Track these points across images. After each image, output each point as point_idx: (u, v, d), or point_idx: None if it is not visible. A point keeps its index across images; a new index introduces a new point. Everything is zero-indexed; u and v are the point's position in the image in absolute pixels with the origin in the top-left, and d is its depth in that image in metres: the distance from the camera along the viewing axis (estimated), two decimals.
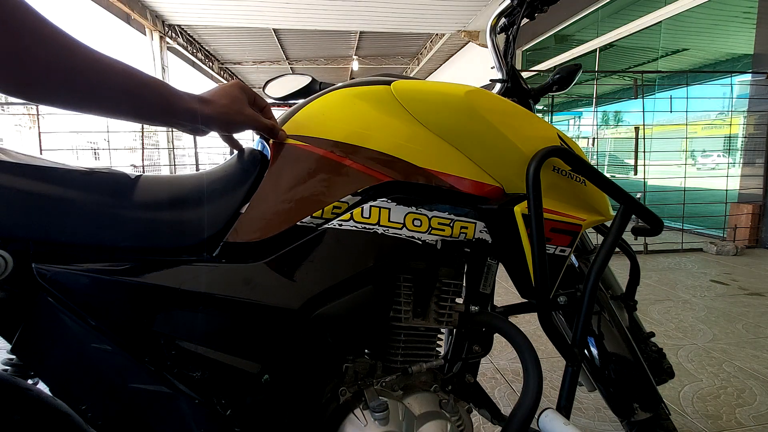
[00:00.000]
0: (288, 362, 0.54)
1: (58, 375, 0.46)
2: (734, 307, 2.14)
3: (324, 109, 0.62)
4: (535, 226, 0.60)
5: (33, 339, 0.45)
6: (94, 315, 0.46)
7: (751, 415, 1.24)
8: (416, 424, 0.59)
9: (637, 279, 0.94)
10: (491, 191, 0.62)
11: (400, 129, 0.60)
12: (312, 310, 0.53)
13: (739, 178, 3.77)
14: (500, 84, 0.88)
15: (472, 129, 0.60)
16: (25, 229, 0.43)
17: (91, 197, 0.47)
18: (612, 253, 0.71)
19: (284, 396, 0.54)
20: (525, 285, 0.65)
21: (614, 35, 5.13)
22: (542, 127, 0.65)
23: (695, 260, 3.20)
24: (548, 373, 1.46)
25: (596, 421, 1.22)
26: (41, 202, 0.44)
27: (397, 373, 0.63)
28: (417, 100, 0.61)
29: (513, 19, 0.86)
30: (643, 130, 3.49)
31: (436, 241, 0.60)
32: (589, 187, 0.67)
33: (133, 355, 0.47)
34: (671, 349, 1.66)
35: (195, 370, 0.49)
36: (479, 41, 7.26)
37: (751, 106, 3.65)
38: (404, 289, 0.62)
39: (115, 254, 0.47)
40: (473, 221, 0.61)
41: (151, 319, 0.47)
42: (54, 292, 0.45)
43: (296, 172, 0.56)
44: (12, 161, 0.45)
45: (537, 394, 0.59)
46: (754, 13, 3.62)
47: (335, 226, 0.55)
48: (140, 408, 0.48)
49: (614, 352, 0.87)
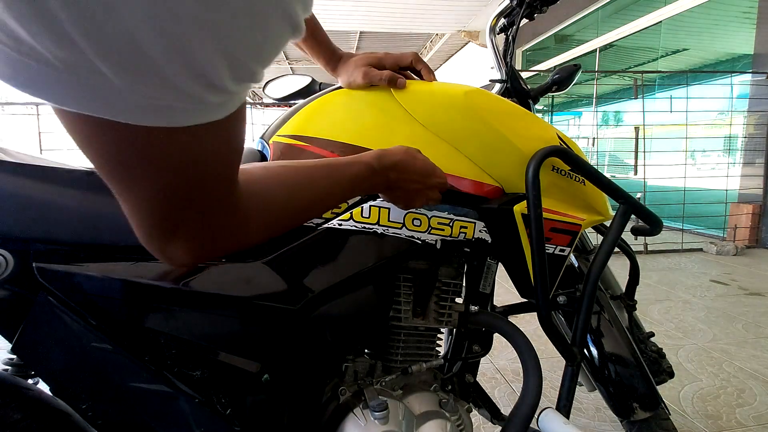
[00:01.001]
0: (288, 361, 0.54)
1: (58, 374, 0.46)
2: (734, 307, 2.14)
3: (324, 110, 0.62)
4: (534, 226, 0.60)
5: (33, 338, 0.45)
6: (94, 314, 0.46)
7: (751, 415, 1.24)
8: (416, 424, 0.59)
9: (636, 279, 0.94)
10: (491, 191, 0.62)
11: (399, 129, 0.60)
12: (312, 309, 0.53)
13: (739, 178, 3.77)
14: (500, 84, 0.88)
15: (471, 129, 0.60)
16: (25, 229, 0.43)
17: (92, 197, 0.47)
18: (611, 252, 0.71)
19: (284, 395, 0.54)
20: (525, 285, 0.65)
21: (614, 35, 5.13)
22: (541, 127, 0.65)
23: (695, 260, 3.20)
24: (548, 373, 1.45)
25: (596, 421, 1.22)
26: (42, 201, 0.44)
27: (397, 372, 0.63)
28: (417, 100, 0.61)
29: (512, 20, 0.86)
30: (643, 130, 3.49)
31: (435, 240, 0.60)
32: (588, 187, 0.67)
33: (134, 354, 0.47)
34: (671, 349, 1.66)
35: (195, 369, 0.49)
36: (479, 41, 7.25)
37: (751, 106, 3.65)
38: (404, 289, 0.62)
39: (116, 254, 0.47)
40: (473, 221, 0.61)
41: (151, 318, 0.47)
42: (54, 292, 0.45)
43: None
44: (12, 161, 0.45)
45: (537, 394, 0.59)
46: (754, 13, 3.62)
47: (335, 226, 0.55)
48: (140, 407, 0.48)
49: (614, 352, 0.87)
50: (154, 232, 0.29)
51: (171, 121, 0.20)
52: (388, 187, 0.49)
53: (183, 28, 0.15)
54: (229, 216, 0.32)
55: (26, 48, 0.15)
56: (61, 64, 0.15)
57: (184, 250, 0.30)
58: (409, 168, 0.49)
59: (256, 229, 0.36)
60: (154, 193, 0.26)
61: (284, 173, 0.39)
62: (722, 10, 4.38)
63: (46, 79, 0.16)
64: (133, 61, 0.16)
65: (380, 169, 0.47)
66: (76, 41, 0.14)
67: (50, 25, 0.14)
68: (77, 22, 0.14)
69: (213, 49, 0.17)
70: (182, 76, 0.17)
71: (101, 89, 0.17)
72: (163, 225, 0.28)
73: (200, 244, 0.31)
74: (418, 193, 0.51)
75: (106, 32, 0.14)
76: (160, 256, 0.31)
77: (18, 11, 0.13)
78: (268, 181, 0.37)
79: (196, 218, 0.29)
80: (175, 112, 0.20)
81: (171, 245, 0.30)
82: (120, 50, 0.15)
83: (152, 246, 0.30)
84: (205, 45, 0.16)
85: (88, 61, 0.15)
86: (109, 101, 0.17)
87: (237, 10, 0.16)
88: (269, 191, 0.37)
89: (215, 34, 0.16)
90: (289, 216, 0.39)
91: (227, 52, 0.17)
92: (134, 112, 0.18)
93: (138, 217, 0.28)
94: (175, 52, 0.16)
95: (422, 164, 0.50)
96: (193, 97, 0.19)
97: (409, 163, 0.49)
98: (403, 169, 0.49)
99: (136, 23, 0.14)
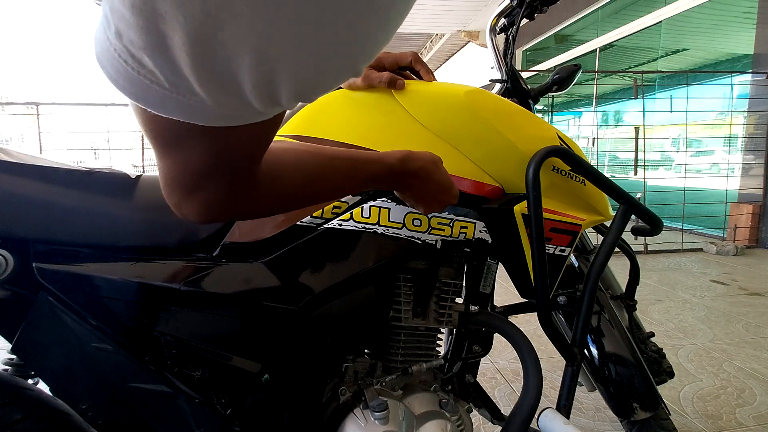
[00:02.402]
0: (288, 362, 0.54)
1: (58, 374, 0.46)
2: (734, 307, 2.14)
3: (324, 110, 0.62)
4: (534, 226, 0.60)
5: (33, 338, 0.45)
6: (94, 314, 0.46)
7: (751, 415, 1.24)
8: (416, 424, 0.59)
9: (636, 279, 0.94)
10: (491, 191, 0.62)
11: (400, 129, 0.60)
12: (312, 309, 0.53)
13: (739, 178, 3.77)
14: (500, 84, 0.88)
15: (471, 129, 0.60)
16: (26, 229, 0.44)
17: (92, 197, 0.47)
18: (611, 253, 0.71)
19: (284, 395, 0.54)
20: (525, 285, 0.65)
21: (614, 35, 5.13)
22: (542, 127, 0.65)
23: (695, 260, 3.20)
24: (548, 373, 1.45)
25: (596, 421, 1.22)
26: (42, 201, 0.44)
27: (397, 372, 0.63)
28: (417, 100, 0.61)
29: (512, 20, 0.86)
30: (643, 130, 3.49)
31: (435, 240, 0.60)
32: (588, 187, 0.67)
33: (134, 354, 0.47)
34: (671, 349, 1.66)
35: (195, 369, 0.49)
36: (479, 41, 7.25)
37: (751, 106, 3.65)
38: (404, 289, 0.62)
39: (116, 254, 0.47)
40: (473, 221, 0.61)
41: (151, 318, 0.47)
42: (55, 292, 0.45)
43: None
44: (13, 161, 0.45)
45: (537, 394, 0.59)
46: (754, 13, 3.62)
47: (335, 226, 0.55)
48: (140, 407, 0.48)
49: (614, 352, 0.87)
50: (178, 189, 0.32)
51: (231, 122, 0.24)
52: (406, 189, 0.51)
53: (275, 73, 0.19)
54: (246, 187, 0.35)
55: (147, 72, 0.19)
56: (169, 86, 0.20)
57: (197, 209, 0.34)
58: (430, 176, 0.50)
59: (267, 203, 0.38)
60: (191, 161, 0.30)
61: (306, 159, 0.41)
62: (722, 10, 4.38)
63: (153, 95, 0.21)
64: (226, 91, 0.20)
65: (401, 172, 0.48)
66: (186, 73, 0.19)
67: (171, 61, 0.18)
68: (192, 61, 0.18)
69: (292, 86, 0.21)
70: (261, 100, 0.21)
71: (193, 105, 0.21)
72: (188, 185, 0.32)
73: (214, 206, 0.34)
74: (430, 201, 0.52)
75: (213, 70, 0.19)
76: (176, 209, 0.34)
77: (152, 50, 0.18)
78: (290, 165, 0.40)
79: (218, 184, 0.32)
80: (240, 119, 0.24)
81: (187, 202, 0.33)
82: (220, 82, 0.20)
83: (171, 199, 0.33)
84: (287, 84, 0.20)
85: (190, 86, 0.20)
86: (195, 112, 0.22)
87: (320, 63, 0.20)
88: (288, 174, 0.39)
89: (298, 76, 0.20)
90: (301, 199, 0.42)
91: (302, 89, 0.21)
92: (209, 119, 0.23)
93: (164, 176, 0.32)
94: (262, 85, 0.20)
95: (442, 177, 0.51)
96: (262, 112, 0.23)
97: (432, 171, 0.50)
98: (425, 176, 0.50)
99: (238, 66, 0.19)
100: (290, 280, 0.53)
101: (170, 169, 0.31)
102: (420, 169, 0.49)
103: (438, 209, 0.54)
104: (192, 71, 0.19)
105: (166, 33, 0.17)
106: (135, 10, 0.17)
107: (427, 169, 0.50)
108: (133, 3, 0.17)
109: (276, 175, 0.38)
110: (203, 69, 0.19)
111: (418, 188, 0.50)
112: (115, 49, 0.19)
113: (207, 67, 0.19)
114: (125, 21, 0.17)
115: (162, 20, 0.17)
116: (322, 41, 0.19)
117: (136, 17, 0.17)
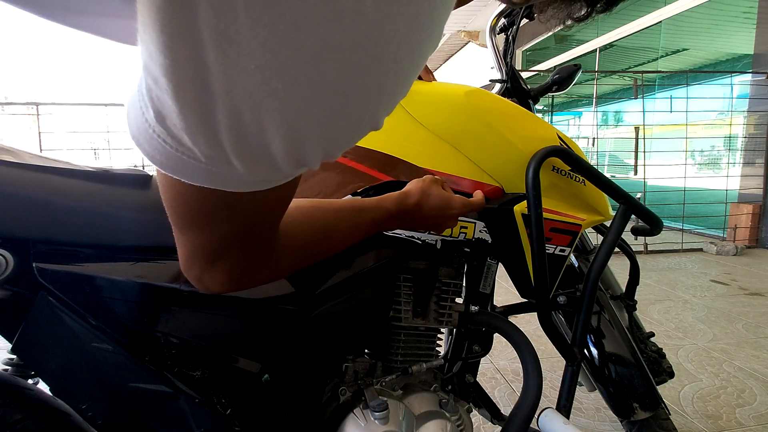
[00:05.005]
0: (288, 362, 0.54)
1: (58, 374, 0.46)
2: (734, 307, 2.14)
3: None
4: (534, 226, 0.60)
5: (34, 338, 0.45)
6: (94, 314, 0.46)
7: (751, 415, 1.24)
8: (416, 424, 0.59)
9: (636, 279, 0.94)
10: (491, 191, 0.62)
11: (400, 129, 0.60)
12: (312, 309, 0.53)
13: (739, 178, 3.77)
14: (500, 84, 0.88)
15: (471, 129, 0.60)
16: (26, 229, 0.43)
17: (92, 197, 0.47)
18: (611, 253, 0.71)
19: (284, 395, 0.54)
20: (525, 285, 0.65)
21: (614, 35, 5.13)
22: (542, 127, 0.65)
23: (695, 260, 3.20)
24: (548, 373, 1.46)
25: (596, 421, 1.22)
26: (42, 201, 0.44)
27: (397, 372, 0.63)
28: (417, 100, 0.61)
29: (512, 20, 0.86)
30: (643, 130, 3.49)
31: (435, 240, 0.60)
32: (588, 187, 0.67)
33: (134, 354, 0.47)
34: (671, 349, 1.66)
35: (195, 369, 0.49)
36: (479, 41, 7.25)
37: (751, 106, 3.65)
38: (404, 289, 0.62)
39: (116, 254, 0.47)
40: (473, 221, 0.61)
41: (151, 318, 0.47)
42: (55, 292, 0.45)
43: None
44: (13, 161, 0.45)
45: (537, 394, 0.59)
46: (754, 13, 3.62)
47: None
48: (140, 407, 0.48)
49: (614, 352, 0.87)
50: (200, 260, 0.32)
51: (260, 186, 0.25)
52: (409, 226, 0.53)
53: (307, 141, 0.20)
54: (266, 254, 0.35)
55: (184, 148, 0.20)
56: (205, 160, 0.20)
57: (219, 280, 0.33)
58: (424, 207, 0.52)
59: (287, 265, 0.39)
60: (217, 229, 0.29)
61: (314, 214, 0.42)
62: (722, 10, 4.38)
63: (189, 167, 0.21)
64: (260, 160, 0.21)
65: (398, 213, 0.50)
66: (225, 147, 0.19)
67: (212, 139, 0.19)
68: (231, 138, 0.19)
69: (322, 149, 0.21)
70: (291, 165, 0.22)
71: (225, 174, 0.22)
72: (208, 257, 0.31)
73: (235, 276, 0.34)
74: (437, 225, 0.54)
75: (249, 144, 0.19)
76: (196, 282, 0.34)
77: (193, 131, 0.19)
78: (302, 223, 0.40)
79: (239, 254, 0.32)
80: (269, 183, 0.25)
81: (208, 274, 0.33)
82: (255, 154, 0.20)
83: (192, 273, 0.33)
84: (318, 149, 0.21)
85: (226, 158, 0.20)
86: (227, 180, 0.23)
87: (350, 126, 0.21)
88: (302, 232, 0.40)
89: (328, 140, 0.21)
90: (316, 254, 0.42)
91: (330, 150, 0.22)
92: (240, 185, 0.24)
93: (187, 249, 0.31)
94: (294, 153, 0.21)
95: (437, 200, 0.53)
96: (289, 175, 0.24)
97: (423, 202, 0.52)
98: (419, 209, 0.52)
99: (273, 137, 0.19)
100: (290, 280, 0.53)
101: (190, 243, 0.31)
102: (415, 204, 0.51)
103: (452, 224, 0.55)
104: (231, 147, 0.19)
105: (211, 113, 0.18)
106: (182, 103, 0.17)
107: (420, 203, 0.51)
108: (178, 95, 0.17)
109: (290, 234, 0.38)
110: (242, 144, 0.19)
111: (420, 220, 0.52)
112: (154, 131, 0.20)
113: (244, 142, 0.19)
114: (168, 107, 0.18)
115: (210, 100, 0.17)
116: (353, 110, 0.20)
117: (180, 104, 0.17)
